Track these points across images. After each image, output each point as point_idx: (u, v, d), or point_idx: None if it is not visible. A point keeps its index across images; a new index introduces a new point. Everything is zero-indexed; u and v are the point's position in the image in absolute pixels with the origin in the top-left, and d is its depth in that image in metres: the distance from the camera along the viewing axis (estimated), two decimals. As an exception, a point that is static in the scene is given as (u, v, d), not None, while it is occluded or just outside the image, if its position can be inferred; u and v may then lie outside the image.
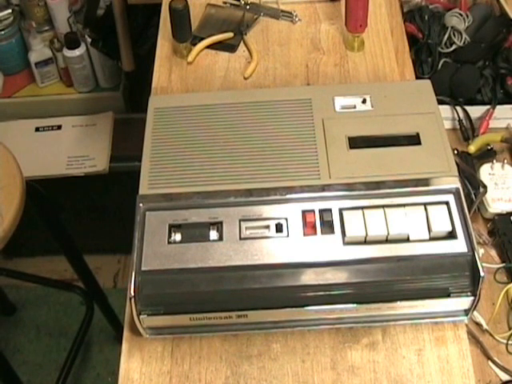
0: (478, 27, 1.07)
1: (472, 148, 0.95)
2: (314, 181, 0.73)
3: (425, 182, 0.72)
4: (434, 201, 0.71)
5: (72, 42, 1.49)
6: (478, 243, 0.88)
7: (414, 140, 0.76)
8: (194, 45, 1.00)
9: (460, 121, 0.99)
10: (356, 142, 0.76)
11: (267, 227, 0.70)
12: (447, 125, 0.99)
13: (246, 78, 0.97)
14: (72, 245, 1.34)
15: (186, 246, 0.69)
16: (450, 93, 1.00)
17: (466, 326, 0.73)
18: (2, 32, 1.51)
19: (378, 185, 0.72)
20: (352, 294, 0.68)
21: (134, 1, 1.40)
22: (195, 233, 0.70)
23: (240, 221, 0.71)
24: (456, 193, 0.71)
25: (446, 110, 0.99)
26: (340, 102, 0.81)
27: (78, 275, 1.44)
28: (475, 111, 0.99)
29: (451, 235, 0.69)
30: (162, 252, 0.69)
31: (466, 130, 0.99)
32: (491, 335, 0.80)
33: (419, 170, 0.73)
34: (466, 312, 0.71)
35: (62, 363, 1.43)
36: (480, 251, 0.85)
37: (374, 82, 0.95)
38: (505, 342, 0.80)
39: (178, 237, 0.70)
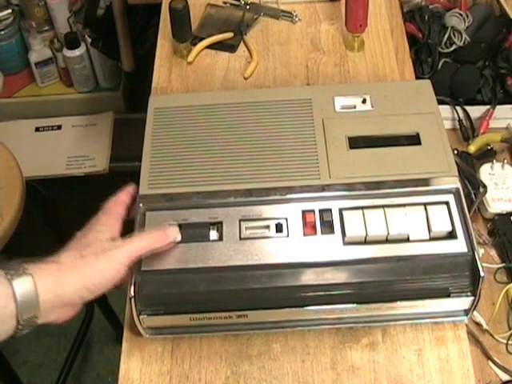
0: (478, 27, 1.07)
1: (472, 148, 0.95)
2: (314, 181, 0.73)
3: (425, 182, 0.72)
4: (434, 201, 0.71)
5: (72, 41, 1.50)
6: (478, 243, 0.87)
7: (413, 140, 0.76)
8: (194, 45, 1.00)
9: (460, 121, 0.99)
10: (356, 142, 0.76)
11: (267, 227, 0.70)
12: (447, 125, 0.99)
13: (246, 78, 0.97)
14: (72, 245, 1.33)
15: (186, 246, 0.69)
16: (450, 93, 1.00)
17: (466, 326, 0.73)
18: (2, 32, 1.51)
19: (378, 185, 0.72)
20: (352, 294, 0.68)
21: (134, 1, 1.40)
22: (195, 233, 0.70)
23: (240, 221, 0.71)
24: (456, 193, 0.71)
25: (445, 110, 0.99)
26: (340, 101, 0.81)
27: (77, 275, 1.44)
28: (475, 111, 0.99)
29: (451, 235, 0.69)
30: (161, 252, 0.69)
31: (466, 130, 0.99)
32: (491, 335, 0.80)
33: (419, 170, 0.73)
34: (466, 312, 0.71)
35: (61, 363, 1.43)
36: (480, 251, 0.85)
37: (374, 81, 0.95)
38: (505, 342, 0.80)
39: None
